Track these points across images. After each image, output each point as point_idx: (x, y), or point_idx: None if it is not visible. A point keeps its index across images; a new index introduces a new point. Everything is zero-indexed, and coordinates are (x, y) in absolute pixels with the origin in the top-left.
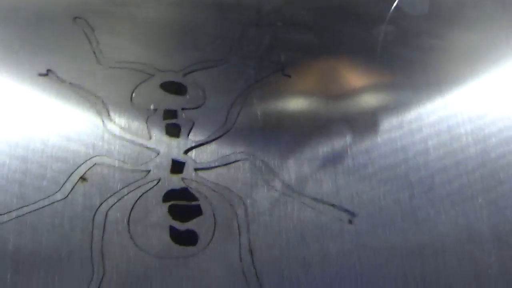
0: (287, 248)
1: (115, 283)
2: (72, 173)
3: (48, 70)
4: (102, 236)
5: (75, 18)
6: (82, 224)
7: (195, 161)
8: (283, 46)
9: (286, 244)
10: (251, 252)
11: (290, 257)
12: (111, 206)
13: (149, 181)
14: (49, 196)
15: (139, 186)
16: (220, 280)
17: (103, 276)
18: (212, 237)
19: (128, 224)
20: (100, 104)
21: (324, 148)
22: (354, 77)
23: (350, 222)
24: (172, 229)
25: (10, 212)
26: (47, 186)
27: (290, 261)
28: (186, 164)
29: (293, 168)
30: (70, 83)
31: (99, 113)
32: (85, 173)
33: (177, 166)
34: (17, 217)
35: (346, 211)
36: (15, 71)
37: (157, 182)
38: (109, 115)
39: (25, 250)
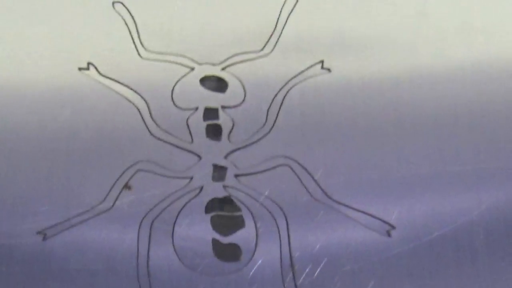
0: (329, 262)
1: None
2: (116, 181)
3: (89, 63)
4: (148, 252)
5: (114, 2)
6: (127, 237)
7: (236, 166)
8: (324, 36)
9: (328, 258)
10: (292, 267)
11: (333, 272)
12: (156, 218)
13: (192, 189)
14: (93, 207)
15: (183, 195)
16: None
17: None
18: (255, 252)
19: (172, 237)
20: (142, 102)
21: (367, 153)
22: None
23: (388, 234)
24: (214, 243)
25: (55, 226)
26: (90, 195)
27: (333, 275)
28: (228, 170)
29: (334, 175)
30: (110, 79)
31: (140, 112)
32: (129, 180)
33: (218, 172)
34: (62, 231)
35: (385, 222)
36: (54, 65)
37: (200, 191)
38: (150, 114)
39: (70, 267)
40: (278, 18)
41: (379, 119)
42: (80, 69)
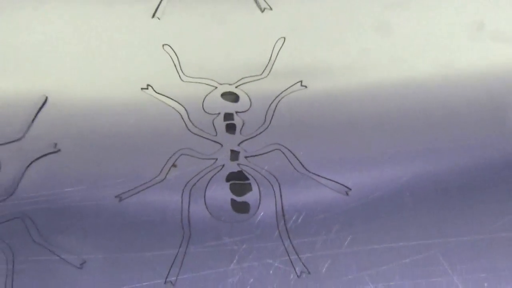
0: (307, 213)
1: (198, 241)
2: (167, 162)
3: (148, 85)
4: (188, 208)
5: (163, 45)
6: (175, 199)
7: (245, 151)
8: (303, 64)
9: (306, 210)
10: (283, 216)
11: (310, 220)
12: (193, 185)
13: (217, 167)
14: (152, 179)
15: (211, 170)
16: (264, 235)
17: (190, 237)
18: (259, 206)
19: (204, 198)
20: (183, 109)
21: (333, 141)
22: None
23: (346, 194)
24: (232, 201)
25: (127, 192)
26: (150, 171)
27: (310, 221)
28: (240, 153)
29: (311, 155)
30: (162, 94)
31: (182, 116)
32: (175, 161)
33: (234, 155)
34: (132, 195)
35: (344, 186)
36: (126, 86)
37: (222, 167)
38: (189, 117)
39: (137, 219)
40: (271, 53)
41: (341, 119)
42: (142, 88)
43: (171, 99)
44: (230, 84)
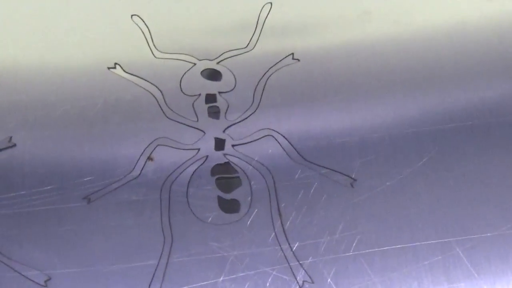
0: (308, 209)
1: (182, 248)
2: (141, 154)
3: (116, 63)
4: (169, 209)
5: (132, 15)
6: (152, 198)
7: (232, 138)
8: (293, 34)
9: (307, 206)
10: (280, 215)
11: (311, 217)
12: (173, 181)
13: (200, 158)
14: (125, 176)
15: (193, 163)
16: (259, 238)
17: (172, 243)
18: (250, 205)
19: (187, 196)
20: (157, 91)
21: (331, 122)
22: None
23: (351, 185)
24: (219, 199)
25: (97, 192)
26: (122, 166)
27: (311, 220)
28: (226, 141)
29: (307, 141)
30: (133, 74)
31: (157, 99)
32: (151, 153)
33: (219, 144)
34: (102, 195)
35: (348, 176)
36: (89, 65)
37: (205, 159)
38: (164, 101)
39: (109, 223)
40: (257, 22)
41: (341, 96)
42: (109, 68)
43: (143, 79)
44: (210, 60)
